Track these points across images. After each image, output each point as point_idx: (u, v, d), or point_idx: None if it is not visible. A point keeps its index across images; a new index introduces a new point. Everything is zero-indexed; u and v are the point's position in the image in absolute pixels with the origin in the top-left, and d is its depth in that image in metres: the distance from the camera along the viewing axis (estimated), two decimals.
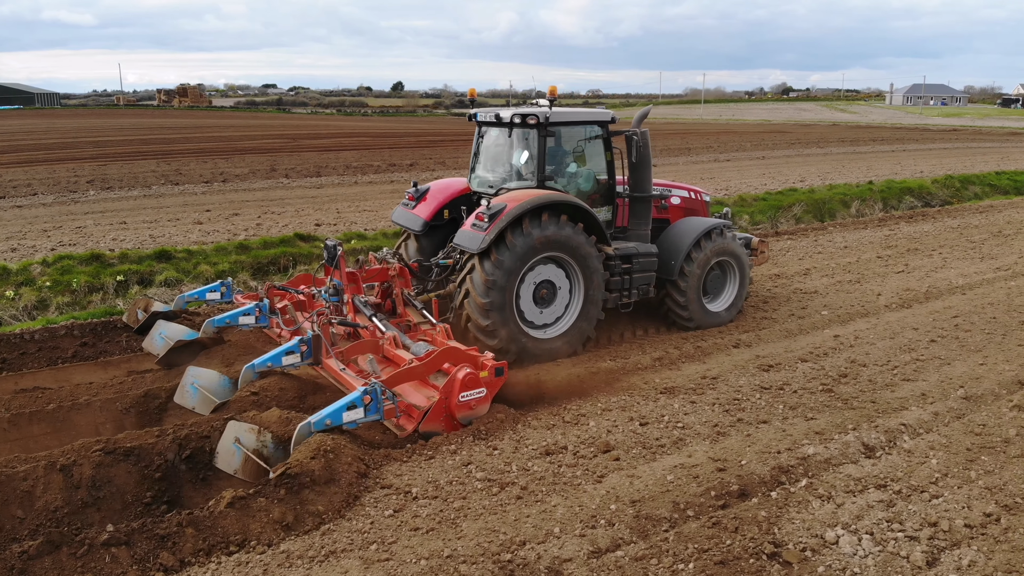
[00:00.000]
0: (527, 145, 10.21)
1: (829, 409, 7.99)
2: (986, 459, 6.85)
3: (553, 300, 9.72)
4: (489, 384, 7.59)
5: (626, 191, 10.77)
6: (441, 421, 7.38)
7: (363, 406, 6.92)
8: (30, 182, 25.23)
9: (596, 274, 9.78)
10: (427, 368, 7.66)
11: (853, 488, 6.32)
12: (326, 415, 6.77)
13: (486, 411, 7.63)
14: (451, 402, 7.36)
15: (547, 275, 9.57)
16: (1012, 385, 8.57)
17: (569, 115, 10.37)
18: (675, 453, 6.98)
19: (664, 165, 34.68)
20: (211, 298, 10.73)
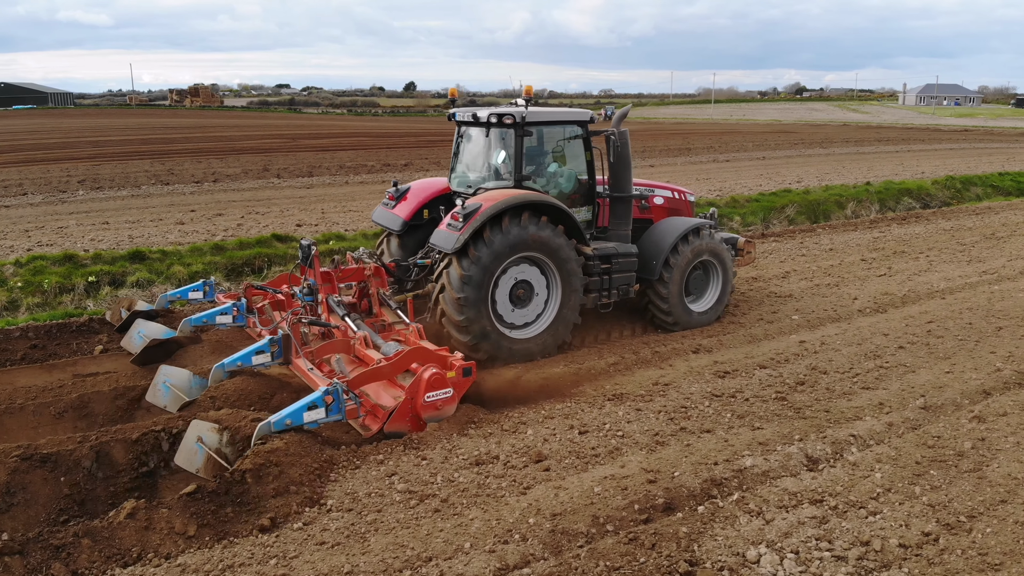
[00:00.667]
0: (504, 145, 10.14)
1: (779, 418, 7.72)
2: (935, 473, 6.56)
3: (530, 300, 9.63)
4: (457, 384, 7.56)
5: (606, 191, 10.64)
6: (407, 421, 7.31)
7: (324, 406, 6.88)
8: (22, 182, 25.26)
9: (574, 275, 9.69)
10: (394, 368, 7.58)
11: (787, 503, 6.05)
12: (286, 415, 6.72)
13: (453, 411, 7.54)
14: (417, 402, 7.29)
15: (524, 275, 9.49)
16: (976, 395, 8.26)
17: (546, 115, 10.28)
18: (608, 463, 6.73)
19: (662, 165, 34.37)
20: (193, 297, 10.72)
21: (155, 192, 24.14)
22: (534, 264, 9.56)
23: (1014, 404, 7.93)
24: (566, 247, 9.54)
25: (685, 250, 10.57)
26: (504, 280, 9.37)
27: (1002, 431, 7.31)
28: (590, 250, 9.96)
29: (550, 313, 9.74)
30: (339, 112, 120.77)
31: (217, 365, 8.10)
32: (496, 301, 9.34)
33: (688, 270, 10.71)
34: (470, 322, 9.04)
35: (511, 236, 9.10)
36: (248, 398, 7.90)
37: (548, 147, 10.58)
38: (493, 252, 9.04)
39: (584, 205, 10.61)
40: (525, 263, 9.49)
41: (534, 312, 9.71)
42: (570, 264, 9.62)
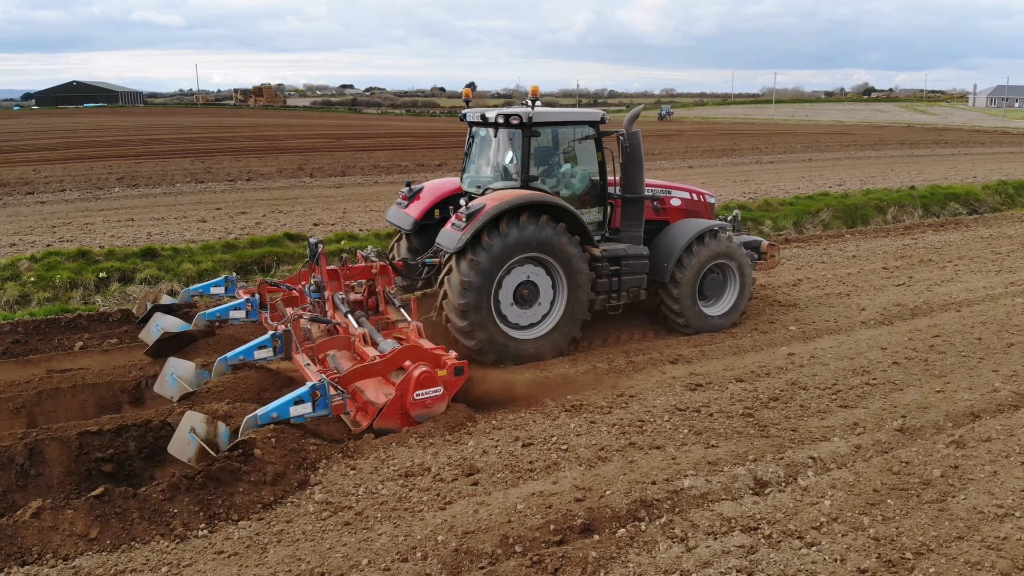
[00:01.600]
0: (512, 145, 10.10)
1: (738, 436, 7.29)
2: (892, 503, 6.07)
3: (535, 301, 9.56)
4: (448, 383, 7.57)
5: (616, 192, 10.50)
6: (397, 419, 7.36)
7: (311, 401, 6.98)
8: (63, 178, 26.15)
9: (580, 275, 9.58)
10: (386, 366, 7.66)
11: (716, 529, 5.67)
12: (272, 409, 6.84)
13: (443, 410, 7.55)
14: (406, 400, 7.34)
15: (528, 275, 9.43)
16: (961, 417, 7.66)
17: (554, 115, 10.21)
18: (541, 479, 6.44)
19: (701, 167, 33.63)
20: (215, 293, 10.87)
21: (187, 190, 24.67)
22: (539, 265, 9.50)
23: (1002, 429, 7.32)
24: (571, 248, 9.46)
25: (698, 253, 10.35)
26: (508, 281, 9.32)
27: (980, 459, 6.75)
28: (598, 251, 9.88)
29: (556, 314, 9.66)
30: (398, 112, 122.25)
31: (220, 359, 8.29)
32: (500, 302, 9.31)
33: (702, 273, 10.49)
34: (473, 327, 9.02)
35: (514, 236, 9.05)
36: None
37: (558, 147, 10.49)
38: (495, 253, 8.99)
39: (595, 206, 10.47)
40: (530, 263, 9.43)
41: (540, 313, 9.63)
42: (576, 265, 9.51)
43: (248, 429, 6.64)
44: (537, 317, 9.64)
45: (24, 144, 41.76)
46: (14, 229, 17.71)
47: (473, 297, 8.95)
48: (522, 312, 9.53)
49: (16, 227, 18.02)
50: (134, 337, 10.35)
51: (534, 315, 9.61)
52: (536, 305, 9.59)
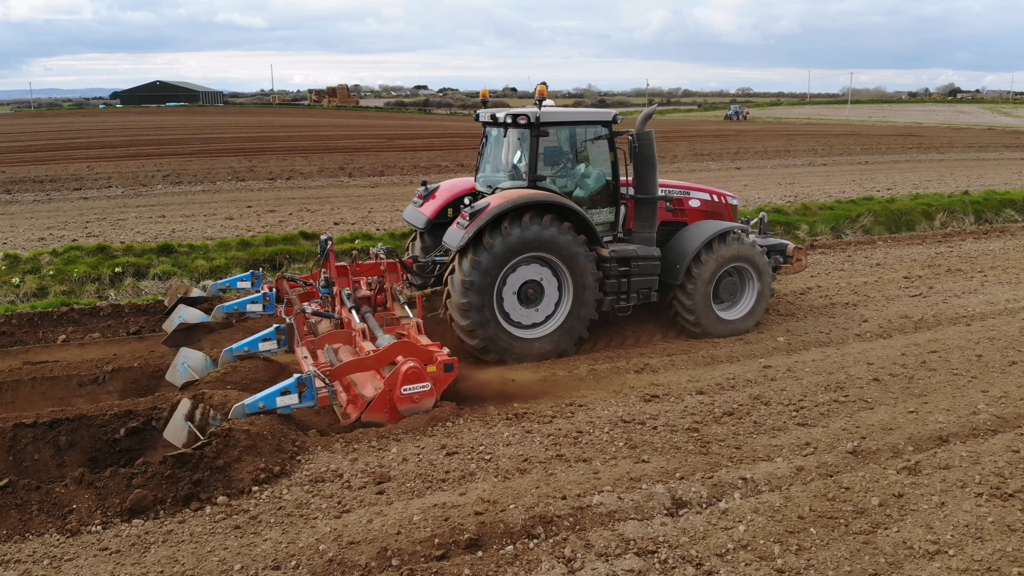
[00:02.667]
0: (521, 145, 10.12)
1: (675, 452, 6.93)
2: (814, 532, 5.64)
3: (540, 300, 9.54)
4: (438, 379, 7.67)
5: (628, 192, 10.39)
6: (385, 413, 7.49)
7: (298, 393, 7.15)
8: (112, 175, 27.22)
9: (586, 276, 9.50)
10: (378, 361, 7.80)
11: (611, 551, 5.38)
12: (260, 399, 7.04)
13: (431, 406, 7.64)
14: (394, 394, 7.46)
15: (533, 275, 9.44)
16: (926, 441, 7.10)
17: (563, 115, 10.19)
18: (451, 490, 6.24)
19: (749, 168, 32.68)
20: (242, 287, 11.14)
21: (227, 188, 25.32)
22: (545, 265, 9.48)
23: (967, 456, 6.75)
24: (576, 248, 9.41)
25: (712, 255, 10.14)
26: (512, 279, 9.34)
27: (931, 488, 6.23)
28: (607, 252, 9.81)
29: (561, 314, 9.64)
30: (466, 113, 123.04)
31: (226, 350, 8.58)
32: (504, 301, 9.33)
33: (717, 276, 10.25)
34: (475, 326, 9.06)
35: (516, 236, 9.04)
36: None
37: (567, 147, 10.42)
38: (497, 252, 8.99)
39: (607, 206, 10.37)
40: (534, 263, 9.45)
41: (544, 312, 9.60)
42: (581, 265, 9.44)
43: (236, 417, 6.81)
44: (542, 317, 9.61)
45: (89, 141, 43.75)
46: (49, 224, 18.50)
47: (475, 296, 9.00)
48: (527, 311, 9.51)
49: (52, 222, 18.82)
50: (116, 331, 10.63)
51: (539, 315, 9.58)
52: (541, 305, 9.56)
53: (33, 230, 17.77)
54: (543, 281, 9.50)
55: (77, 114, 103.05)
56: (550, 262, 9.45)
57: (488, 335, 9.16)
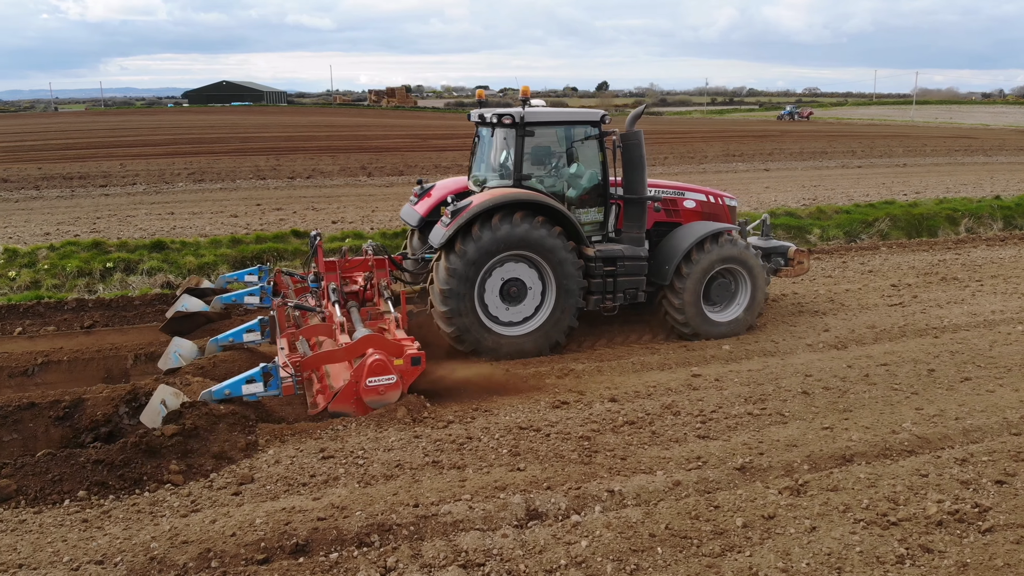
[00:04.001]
0: (506, 144, 10.20)
1: (555, 460, 6.70)
2: (661, 551, 5.37)
3: (523, 298, 9.60)
4: (405, 372, 7.77)
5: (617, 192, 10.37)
6: (351, 404, 7.65)
7: (263, 381, 7.42)
8: (139, 173, 28.10)
9: (569, 275, 9.52)
10: (347, 353, 7.95)
11: (437, 562, 5.21)
12: (226, 386, 7.34)
13: (397, 398, 7.73)
14: (360, 386, 7.59)
15: (516, 273, 9.50)
16: (827, 460, 6.70)
17: (549, 115, 10.21)
18: (307, 494, 6.15)
19: (779, 170, 31.79)
20: (249, 280, 11.46)
21: (245, 186, 25.84)
22: (527, 263, 9.52)
23: (864, 478, 6.34)
24: (559, 247, 9.42)
25: (702, 256, 10.04)
26: (494, 277, 9.41)
27: (808, 510, 5.87)
28: (592, 251, 9.80)
29: (543, 313, 9.66)
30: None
31: (212, 340, 8.90)
32: (485, 297, 9.41)
33: (707, 277, 10.15)
34: (453, 314, 9.17)
35: (496, 234, 9.10)
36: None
37: (554, 147, 10.43)
38: (476, 251, 9.08)
39: (595, 206, 10.33)
40: (517, 261, 9.49)
41: (526, 311, 9.64)
42: (564, 264, 9.45)
43: (204, 402, 7.07)
44: (524, 315, 9.65)
45: (135, 139, 45.29)
46: (60, 219, 19.16)
47: (455, 292, 9.11)
48: (510, 309, 9.57)
49: (65, 217, 19.49)
50: (71, 325, 10.90)
51: (521, 313, 9.63)
52: (524, 303, 9.60)
53: (44, 225, 18.44)
54: (526, 279, 9.54)
55: (142, 113, 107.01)
56: (533, 261, 9.47)
57: (468, 331, 9.27)
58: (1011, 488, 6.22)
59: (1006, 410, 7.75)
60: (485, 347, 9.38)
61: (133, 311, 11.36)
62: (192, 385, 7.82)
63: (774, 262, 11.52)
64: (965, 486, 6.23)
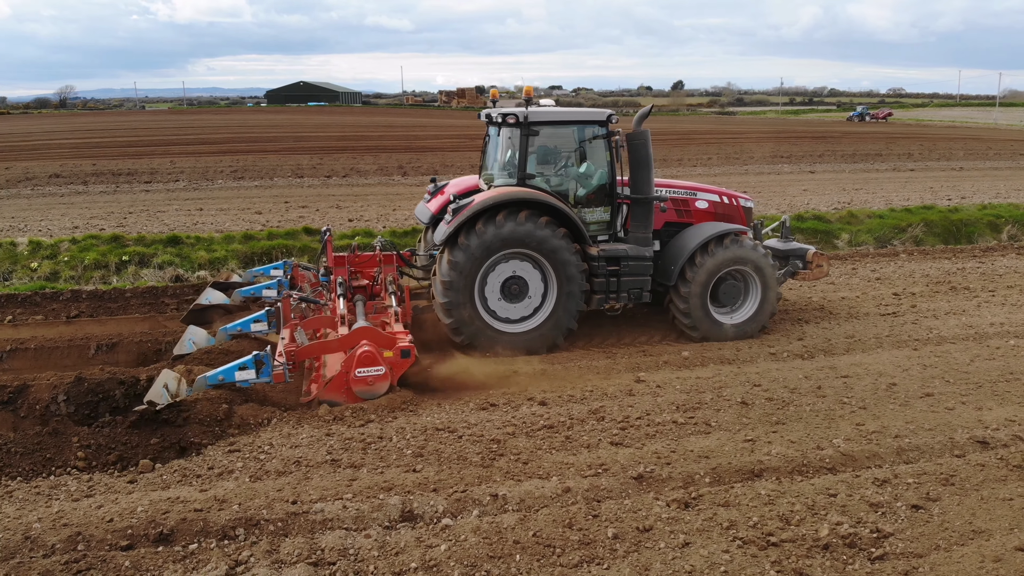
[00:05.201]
0: (511, 144, 10.28)
1: (455, 463, 6.63)
2: (519, 559, 5.26)
3: (524, 296, 9.68)
4: (394, 364, 7.99)
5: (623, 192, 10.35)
6: (342, 393, 7.90)
7: (255, 368, 7.69)
8: (185, 170, 29.14)
9: (571, 273, 9.54)
10: (340, 344, 8.23)
11: (289, 559, 5.23)
12: (220, 372, 7.67)
13: (385, 390, 7.96)
14: (349, 376, 7.84)
15: (517, 271, 9.59)
16: (733, 474, 6.42)
17: (553, 115, 10.27)
18: (197, 485, 6.24)
19: (823, 172, 30.75)
20: (275, 274, 11.85)
21: (280, 184, 26.51)
22: (529, 261, 9.60)
23: (765, 494, 6.05)
24: (560, 245, 9.46)
25: (708, 257, 9.95)
26: (495, 274, 9.51)
27: (688, 525, 5.65)
28: (595, 251, 9.84)
29: (545, 310, 9.71)
30: None
31: (221, 329, 9.29)
32: (487, 295, 9.53)
33: (715, 279, 10.04)
34: (452, 306, 9.29)
35: (495, 232, 9.19)
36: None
37: (560, 146, 10.51)
38: (476, 248, 9.20)
39: (601, 206, 10.32)
40: (519, 259, 9.57)
41: (527, 308, 9.69)
42: (565, 263, 9.47)
43: (199, 388, 7.51)
44: (526, 312, 9.70)
45: (195, 137, 47.00)
46: (93, 214, 20.06)
47: (455, 289, 9.25)
48: (511, 306, 9.65)
49: (98, 212, 20.38)
50: (59, 313, 11.38)
51: (523, 310, 9.68)
52: (525, 300, 9.67)
53: (76, 219, 19.33)
54: (527, 277, 9.59)
55: (217, 112, 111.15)
56: (534, 259, 9.51)
57: (468, 327, 9.39)
58: (926, 514, 5.84)
59: (957, 429, 7.28)
60: (482, 342, 9.46)
61: (121, 303, 11.77)
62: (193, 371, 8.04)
63: (792, 265, 11.26)
64: (874, 509, 5.89)
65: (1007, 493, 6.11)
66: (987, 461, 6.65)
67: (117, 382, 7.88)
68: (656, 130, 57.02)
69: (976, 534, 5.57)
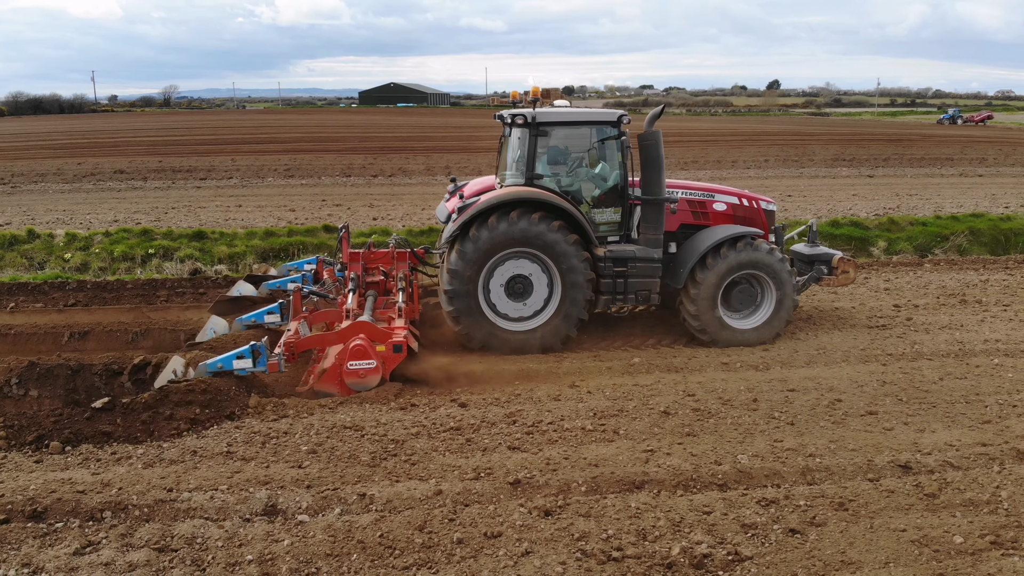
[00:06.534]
0: (521, 144, 10.41)
1: (345, 461, 6.68)
2: (355, 558, 5.30)
3: (529, 295, 9.76)
4: (386, 359, 8.29)
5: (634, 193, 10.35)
6: (336, 385, 8.24)
7: (252, 358, 8.05)
8: (240, 168, 30.34)
9: (576, 273, 9.58)
10: (338, 337, 8.51)
11: (138, 543, 5.42)
12: (219, 360, 8.05)
13: (377, 382, 8.26)
14: (343, 369, 8.17)
15: (522, 270, 9.70)
16: (612, 484, 6.23)
17: (562, 115, 10.39)
18: (92, 468, 6.51)
19: (885, 176, 29.34)
20: (307, 269, 12.25)
21: (325, 183, 27.26)
22: (534, 260, 9.69)
23: (635, 508, 5.87)
24: (564, 245, 9.46)
25: (719, 260, 9.82)
26: (499, 273, 9.62)
27: (538, 534, 5.55)
28: (602, 251, 9.87)
29: (550, 310, 9.78)
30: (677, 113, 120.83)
31: (238, 319, 9.82)
32: (491, 293, 9.65)
33: (726, 283, 9.92)
34: (456, 304, 9.49)
35: (498, 231, 9.34)
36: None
37: (571, 147, 10.62)
38: (479, 247, 9.35)
39: (611, 206, 10.34)
40: (523, 258, 9.68)
41: (532, 308, 9.77)
42: (570, 263, 9.52)
43: (200, 375, 7.90)
44: (530, 311, 9.77)
45: (268, 136, 48.84)
46: (137, 208, 21.17)
47: (460, 287, 9.41)
48: (516, 305, 9.74)
49: (143, 207, 21.49)
50: (58, 303, 12.05)
51: (527, 309, 9.76)
52: (530, 300, 9.74)
53: (122, 212, 20.46)
54: (532, 277, 9.67)
55: (309, 112, 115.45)
56: (539, 259, 9.58)
57: (472, 325, 9.53)
58: (799, 540, 5.52)
59: (884, 451, 6.85)
60: (486, 339, 9.59)
61: (115, 293, 12.37)
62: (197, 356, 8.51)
63: (816, 270, 10.93)
64: (745, 530, 5.62)
65: (903, 524, 5.71)
66: (899, 487, 6.23)
67: (66, 368, 8.35)
68: (718, 130, 55.53)
69: (844, 565, 5.24)
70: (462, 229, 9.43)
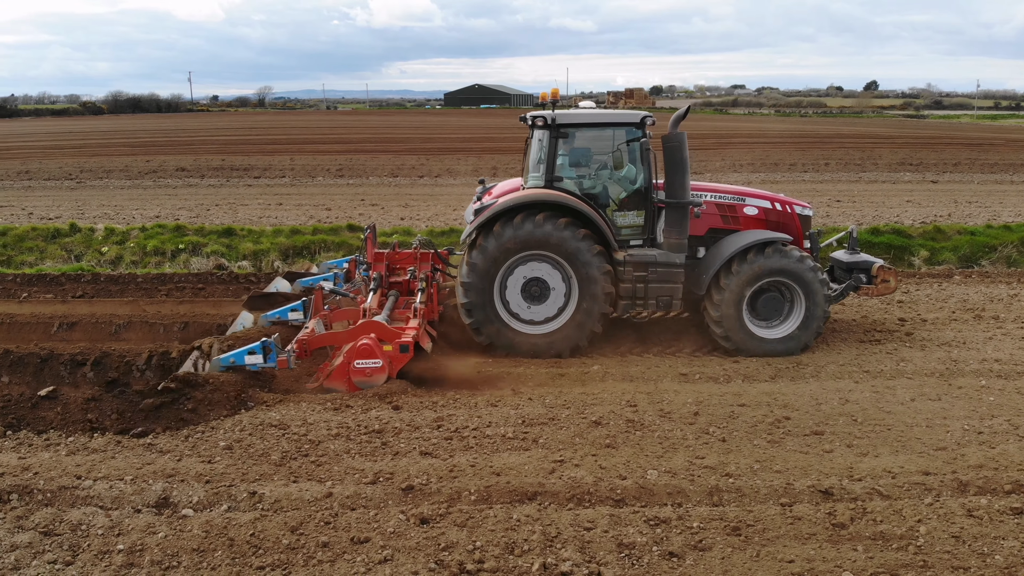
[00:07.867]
0: (542, 146, 10.45)
1: (255, 459, 6.76)
2: (219, 554, 5.39)
3: (545, 298, 9.76)
4: (393, 358, 8.44)
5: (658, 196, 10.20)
6: (343, 382, 8.43)
7: (263, 354, 8.42)
8: (295, 167, 31.26)
9: (593, 277, 9.50)
10: (348, 336, 8.74)
11: (28, 525, 5.67)
12: (231, 355, 8.38)
13: (383, 381, 8.39)
14: (350, 367, 8.40)
15: (538, 273, 9.68)
16: (504, 495, 6.09)
17: (583, 117, 10.33)
18: (20, 453, 6.84)
19: (949, 182, 27.83)
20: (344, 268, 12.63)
21: (371, 182, 27.80)
22: (551, 263, 9.66)
23: (516, 520, 5.73)
24: (582, 248, 9.41)
25: (745, 267, 9.57)
26: (516, 275, 9.65)
27: (406, 542, 5.51)
28: (621, 255, 9.78)
29: (566, 314, 9.74)
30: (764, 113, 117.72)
31: (263, 315, 10.15)
32: (507, 294, 9.69)
33: (751, 290, 9.66)
34: (472, 306, 9.59)
35: (513, 234, 9.37)
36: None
37: (592, 149, 10.59)
38: (495, 249, 9.41)
39: (634, 209, 10.20)
40: (540, 261, 9.61)
41: (549, 311, 9.75)
42: (587, 266, 9.45)
43: (214, 368, 8.27)
44: (547, 315, 9.74)
45: (337, 136, 50.15)
46: (182, 205, 22.10)
47: (475, 289, 9.49)
48: (533, 308, 9.74)
49: (187, 204, 22.42)
50: (67, 294, 12.64)
51: (544, 312, 9.73)
52: (546, 303, 9.71)
53: (167, 208, 21.40)
54: (549, 280, 9.64)
55: (392, 113, 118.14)
56: (556, 261, 9.55)
57: (488, 326, 9.61)
58: (674, 564, 5.28)
59: (812, 475, 6.46)
60: (502, 342, 9.63)
61: (121, 286, 12.91)
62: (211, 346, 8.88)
63: (854, 278, 10.44)
64: (620, 550, 5.41)
65: (793, 554, 5.37)
66: (809, 514, 5.86)
67: (37, 356, 8.79)
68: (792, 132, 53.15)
69: None
70: (477, 232, 9.47)
